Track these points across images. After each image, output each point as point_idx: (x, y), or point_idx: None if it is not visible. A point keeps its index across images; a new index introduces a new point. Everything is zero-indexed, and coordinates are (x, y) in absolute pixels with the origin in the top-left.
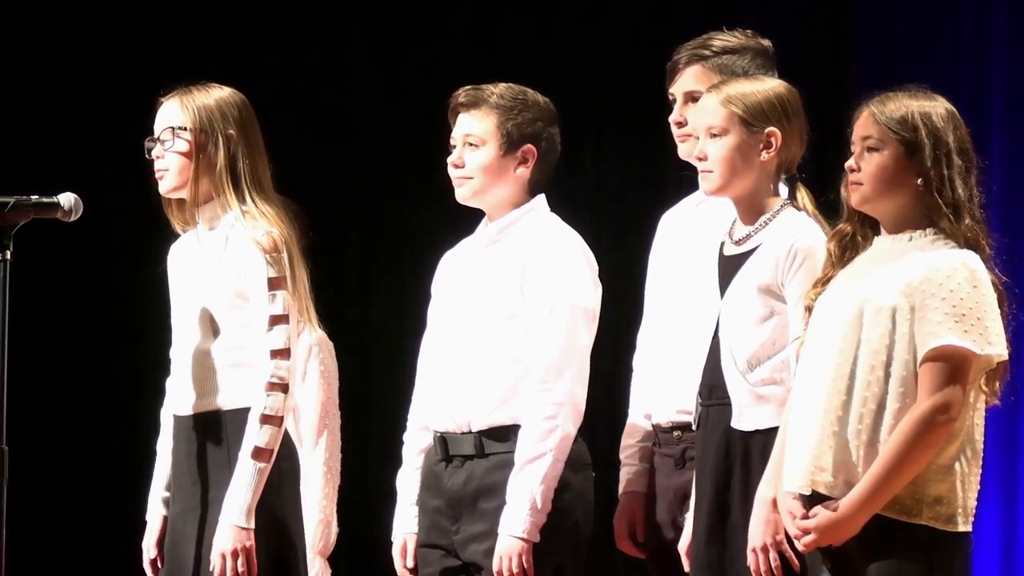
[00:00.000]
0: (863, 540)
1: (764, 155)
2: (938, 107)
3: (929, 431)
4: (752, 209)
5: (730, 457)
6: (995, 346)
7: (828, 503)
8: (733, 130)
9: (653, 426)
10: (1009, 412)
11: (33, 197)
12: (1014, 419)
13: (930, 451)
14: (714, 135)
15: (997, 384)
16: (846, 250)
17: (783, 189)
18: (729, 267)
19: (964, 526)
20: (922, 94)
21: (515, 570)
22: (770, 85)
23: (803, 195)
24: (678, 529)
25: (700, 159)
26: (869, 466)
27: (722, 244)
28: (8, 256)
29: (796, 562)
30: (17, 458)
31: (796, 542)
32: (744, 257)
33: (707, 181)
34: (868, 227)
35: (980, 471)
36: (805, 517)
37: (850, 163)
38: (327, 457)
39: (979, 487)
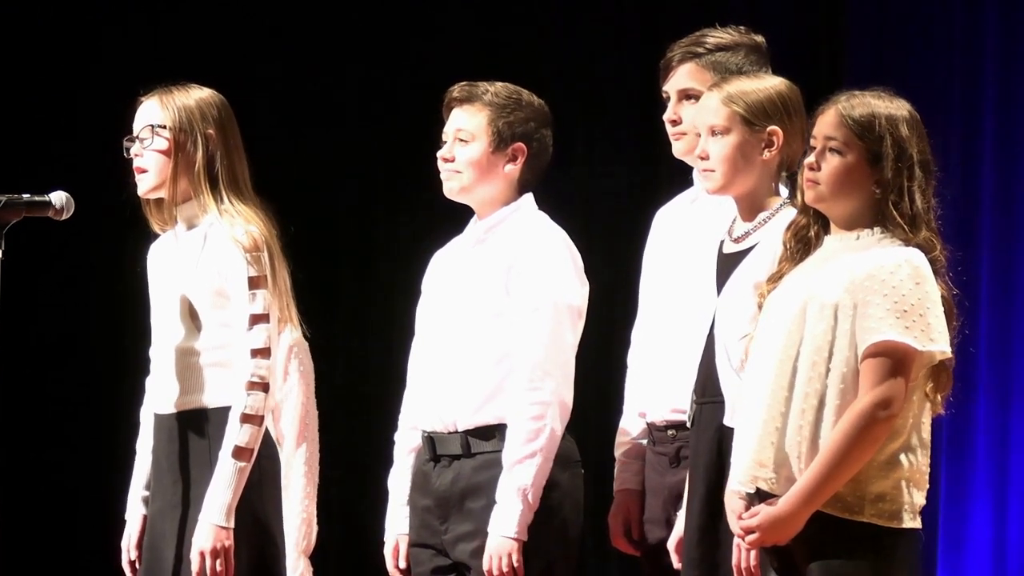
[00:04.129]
0: (807, 538)
1: (766, 153)
2: (904, 113)
3: (870, 427)
4: (752, 207)
5: (723, 455)
6: (937, 343)
7: (770, 500)
8: (735, 129)
9: (648, 424)
10: (1000, 413)
11: (25, 196)
12: (1005, 420)
13: (871, 447)
14: (716, 134)
15: (939, 396)
16: (801, 242)
17: (784, 187)
18: (727, 265)
19: (910, 522)
20: (887, 97)
21: (505, 569)
22: (771, 83)
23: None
24: (671, 527)
25: (702, 158)
26: (811, 463)
27: (722, 242)
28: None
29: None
30: None
31: (741, 541)
32: (742, 255)
33: (709, 180)
34: (821, 224)
35: (929, 467)
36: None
37: (810, 160)
38: (308, 457)
39: (928, 485)
